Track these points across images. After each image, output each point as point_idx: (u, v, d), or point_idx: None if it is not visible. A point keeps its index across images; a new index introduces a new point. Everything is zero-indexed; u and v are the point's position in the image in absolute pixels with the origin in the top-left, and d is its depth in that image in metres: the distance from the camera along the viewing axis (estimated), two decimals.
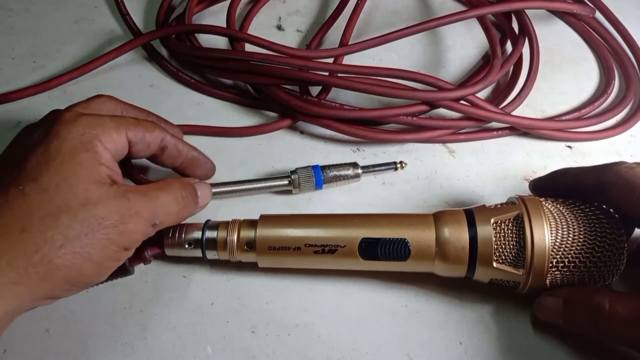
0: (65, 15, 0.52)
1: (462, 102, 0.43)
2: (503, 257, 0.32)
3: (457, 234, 0.32)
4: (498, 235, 0.32)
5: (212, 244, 0.34)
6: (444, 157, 0.43)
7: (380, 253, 0.33)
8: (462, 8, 0.54)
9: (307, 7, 0.55)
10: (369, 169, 0.41)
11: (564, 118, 0.46)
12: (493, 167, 0.43)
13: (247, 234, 0.34)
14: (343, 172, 0.40)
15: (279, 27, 0.53)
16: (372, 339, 0.34)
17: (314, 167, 0.39)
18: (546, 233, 0.31)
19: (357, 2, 0.51)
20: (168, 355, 0.32)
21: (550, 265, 0.31)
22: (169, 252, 0.35)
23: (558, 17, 0.55)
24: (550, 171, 0.36)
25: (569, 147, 0.44)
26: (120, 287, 0.35)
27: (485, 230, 0.32)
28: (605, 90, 0.48)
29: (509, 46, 0.51)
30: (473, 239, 0.32)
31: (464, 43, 0.52)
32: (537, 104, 0.47)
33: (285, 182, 0.39)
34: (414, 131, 0.43)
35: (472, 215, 0.33)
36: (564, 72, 0.50)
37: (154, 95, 0.46)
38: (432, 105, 0.42)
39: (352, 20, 0.49)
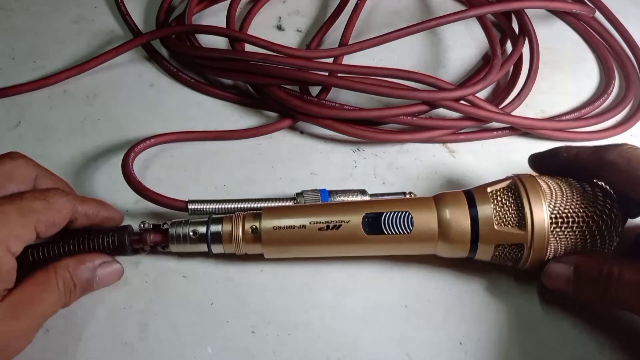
0: (65, 15, 0.52)
1: (462, 102, 0.43)
2: (504, 222, 0.32)
3: (458, 209, 0.33)
4: (496, 201, 0.33)
5: (218, 237, 0.34)
6: (444, 157, 0.43)
7: (384, 225, 0.33)
8: (462, 8, 0.54)
9: (307, 7, 0.55)
10: (377, 196, 0.38)
11: (564, 118, 0.46)
12: (493, 167, 0.43)
13: (252, 223, 0.34)
14: (351, 199, 0.38)
15: (279, 27, 0.53)
16: (372, 339, 0.34)
17: (321, 191, 0.38)
18: (541, 194, 0.32)
19: (357, 2, 0.51)
20: (168, 355, 0.32)
21: (550, 222, 0.32)
22: (173, 248, 0.35)
23: (558, 17, 0.55)
24: (548, 149, 0.36)
25: None
26: (121, 287, 0.35)
27: (484, 202, 0.33)
28: (605, 90, 0.48)
29: (509, 46, 0.51)
30: (473, 207, 0.33)
31: (464, 43, 0.52)
32: (537, 104, 0.47)
33: (290, 204, 0.37)
34: (414, 131, 0.43)
35: (469, 192, 0.34)
36: (564, 72, 0.50)
37: (154, 95, 0.46)
38: (432, 105, 0.42)
39: (352, 20, 0.49)
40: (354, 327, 0.34)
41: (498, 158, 0.43)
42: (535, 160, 0.37)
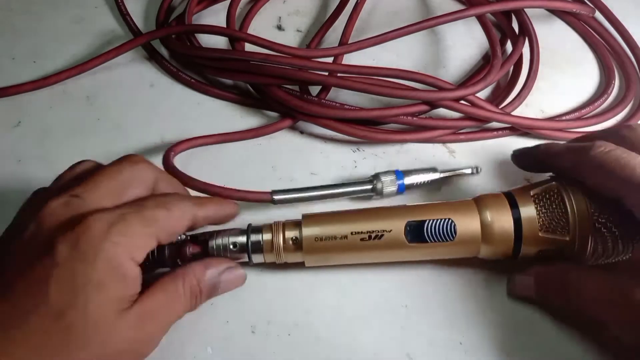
0: (65, 15, 0.52)
1: (462, 102, 0.43)
2: (547, 223, 0.32)
3: (500, 211, 0.33)
4: (537, 201, 0.33)
5: (258, 247, 0.34)
6: (444, 157, 0.43)
7: (427, 234, 0.33)
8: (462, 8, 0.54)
9: (307, 7, 0.55)
10: (447, 172, 0.40)
11: (564, 118, 0.46)
12: (493, 167, 0.43)
13: (292, 233, 0.34)
14: (423, 177, 0.39)
15: (279, 27, 0.53)
16: (372, 339, 0.34)
17: (396, 172, 0.39)
18: (584, 198, 0.32)
19: (357, 1, 0.51)
20: (168, 355, 0.32)
21: (595, 224, 0.32)
22: None
23: (558, 16, 0.55)
24: (532, 146, 0.37)
25: None
26: None
27: (526, 203, 0.33)
28: (606, 90, 0.48)
29: (509, 46, 0.51)
30: (515, 207, 0.33)
31: (464, 43, 0.52)
32: (537, 104, 0.47)
33: (369, 187, 0.38)
34: (414, 131, 0.43)
35: (511, 194, 0.34)
36: (564, 72, 0.50)
37: (154, 95, 0.46)
38: (432, 105, 0.42)
39: (351, 20, 0.49)
40: (354, 327, 0.34)
41: (498, 158, 0.43)
42: (518, 157, 0.38)
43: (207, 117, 0.45)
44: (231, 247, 0.34)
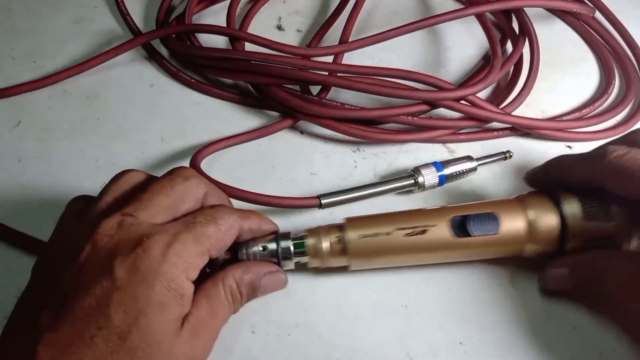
0: (65, 15, 0.52)
1: (462, 102, 0.43)
2: (591, 216, 0.33)
3: (544, 208, 0.33)
4: (579, 196, 0.33)
5: (288, 253, 0.33)
6: (444, 157, 0.43)
7: (470, 227, 0.33)
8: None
9: (307, 7, 0.55)
10: (482, 160, 0.41)
11: (564, 118, 0.46)
12: (493, 168, 0.43)
13: (336, 234, 0.33)
14: (462, 166, 0.40)
15: (279, 27, 0.53)
16: (372, 339, 0.34)
17: (434, 164, 0.40)
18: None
19: (357, 0, 0.51)
20: None
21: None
22: None
23: (558, 17, 0.55)
24: (542, 164, 0.37)
25: (569, 147, 0.44)
26: None
27: (569, 199, 0.33)
28: (606, 90, 0.48)
29: (509, 46, 0.51)
30: (557, 204, 0.33)
31: (464, 43, 0.52)
32: (537, 104, 0.47)
33: (411, 181, 0.39)
34: (414, 131, 0.43)
35: (553, 191, 0.34)
36: (564, 72, 0.50)
37: (154, 95, 0.46)
38: (433, 105, 0.42)
39: (352, 18, 0.49)
40: (354, 327, 0.34)
41: None
42: (531, 180, 0.37)
43: (207, 117, 0.45)
44: (261, 249, 0.33)
